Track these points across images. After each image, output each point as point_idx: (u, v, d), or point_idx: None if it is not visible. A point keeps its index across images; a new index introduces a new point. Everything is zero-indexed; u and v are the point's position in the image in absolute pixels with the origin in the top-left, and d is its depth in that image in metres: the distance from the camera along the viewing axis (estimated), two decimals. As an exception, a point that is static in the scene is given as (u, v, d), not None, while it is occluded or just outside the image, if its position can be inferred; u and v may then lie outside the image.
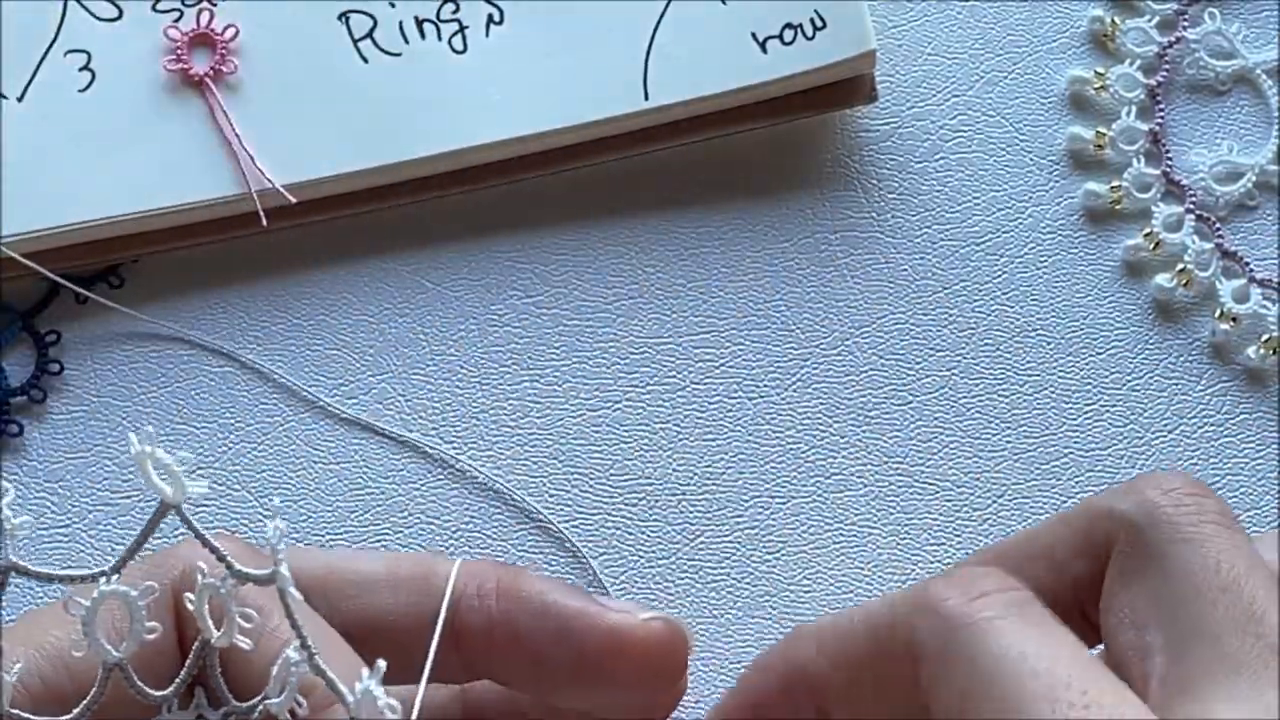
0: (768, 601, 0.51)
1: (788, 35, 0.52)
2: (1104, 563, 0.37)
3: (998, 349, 0.53)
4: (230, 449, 0.52)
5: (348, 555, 0.43)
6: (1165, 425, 0.52)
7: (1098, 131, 0.54)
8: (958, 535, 0.51)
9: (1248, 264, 0.53)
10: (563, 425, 0.52)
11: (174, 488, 0.34)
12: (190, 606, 0.36)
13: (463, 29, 0.53)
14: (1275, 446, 0.52)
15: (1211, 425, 0.52)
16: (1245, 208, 0.54)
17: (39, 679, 0.36)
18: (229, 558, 0.35)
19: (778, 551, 0.51)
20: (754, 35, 0.52)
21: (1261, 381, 0.53)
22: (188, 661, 0.36)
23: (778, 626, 0.51)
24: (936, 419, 0.52)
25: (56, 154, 0.52)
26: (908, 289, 0.53)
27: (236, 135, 0.52)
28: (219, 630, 0.36)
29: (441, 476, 0.51)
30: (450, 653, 0.41)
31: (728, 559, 0.51)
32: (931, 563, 0.51)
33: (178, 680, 0.36)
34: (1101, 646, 0.38)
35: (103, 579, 0.35)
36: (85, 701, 0.35)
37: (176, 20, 0.53)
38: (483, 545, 0.51)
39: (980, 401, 0.52)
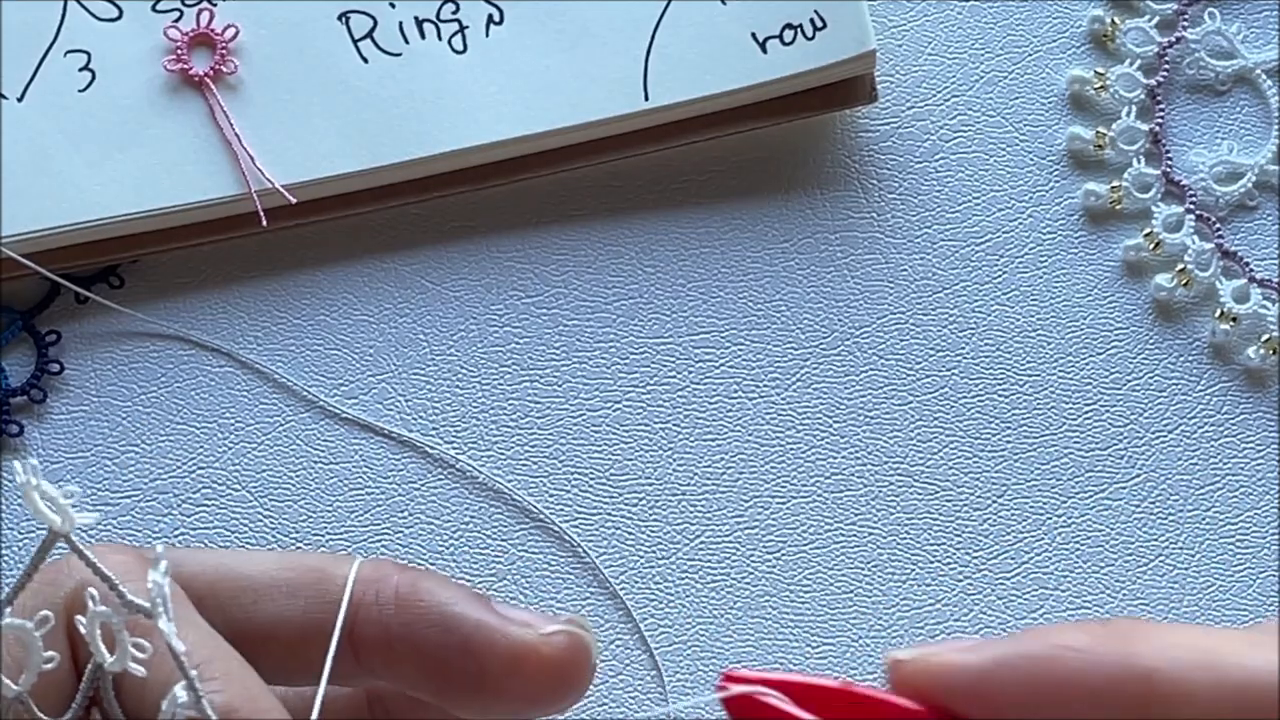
0: (768, 601, 0.51)
1: (788, 35, 0.52)
2: None
3: (998, 349, 0.53)
4: (230, 449, 0.52)
5: (239, 557, 0.42)
6: (1165, 425, 0.52)
7: (1098, 131, 0.54)
8: (958, 535, 0.51)
9: (1248, 264, 0.53)
10: (563, 425, 0.52)
11: (63, 518, 0.34)
12: (83, 630, 0.35)
13: (463, 29, 0.53)
14: (1275, 446, 0.52)
15: (1211, 425, 0.52)
16: (1245, 208, 0.54)
17: None
18: (120, 586, 0.35)
19: (778, 551, 0.51)
20: (754, 35, 0.52)
21: (1261, 381, 0.53)
22: (81, 685, 0.36)
23: (777, 627, 0.51)
24: (936, 419, 0.52)
25: (56, 154, 0.52)
26: (908, 289, 0.53)
27: (236, 135, 0.52)
28: (112, 655, 0.35)
29: (441, 476, 0.51)
30: (349, 658, 0.40)
31: (728, 559, 0.51)
32: (931, 563, 0.51)
33: (74, 706, 0.36)
34: None
35: None
36: None
37: (176, 20, 0.53)
38: (483, 545, 0.51)
39: (980, 401, 0.52)
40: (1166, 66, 0.55)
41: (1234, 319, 0.53)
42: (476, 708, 0.41)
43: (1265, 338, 0.53)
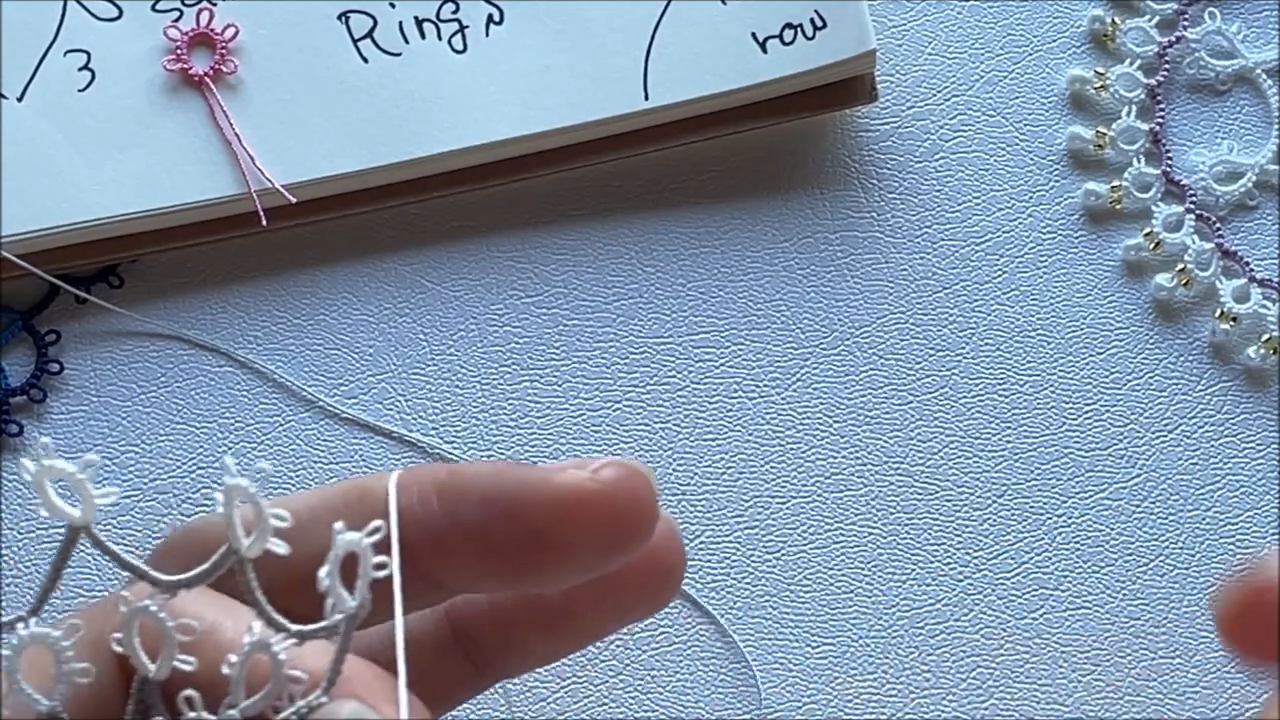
0: (768, 601, 0.51)
1: (788, 35, 0.52)
2: None
3: (998, 349, 0.53)
4: (230, 449, 0.52)
5: (276, 500, 0.40)
6: (1165, 425, 0.52)
7: (1098, 131, 0.54)
8: (958, 535, 0.51)
9: (1248, 264, 0.53)
10: (563, 425, 0.52)
11: (83, 507, 0.31)
12: (119, 648, 0.33)
13: (463, 29, 0.53)
14: (1275, 446, 0.52)
15: (1211, 425, 0.52)
16: (1245, 208, 0.54)
17: None
18: (151, 572, 0.32)
19: (778, 552, 0.51)
20: (754, 35, 0.52)
21: (1261, 381, 0.53)
22: (129, 707, 0.33)
23: (777, 627, 0.51)
24: (936, 419, 0.52)
25: (56, 154, 0.52)
26: (908, 289, 0.53)
27: (236, 135, 0.52)
28: (154, 663, 0.33)
29: (441, 476, 0.51)
30: (408, 572, 0.37)
31: (727, 559, 0.51)
32: (931, 562, 0.51)
33: None
34: None
35: (20, 624, 0.32)
36: None
37: (176, 20, 0.53)
38: (483, 545, 0.51)
39: (980, 401, 0.52)
40: (1166, 66, 0.55)
41: (1234, 319, 0.53)
42: (547, 573, 0.37)
43: (1265, 338, 0.53)
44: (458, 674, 0.40)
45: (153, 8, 0.53)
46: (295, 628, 0.32)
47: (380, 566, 0.30)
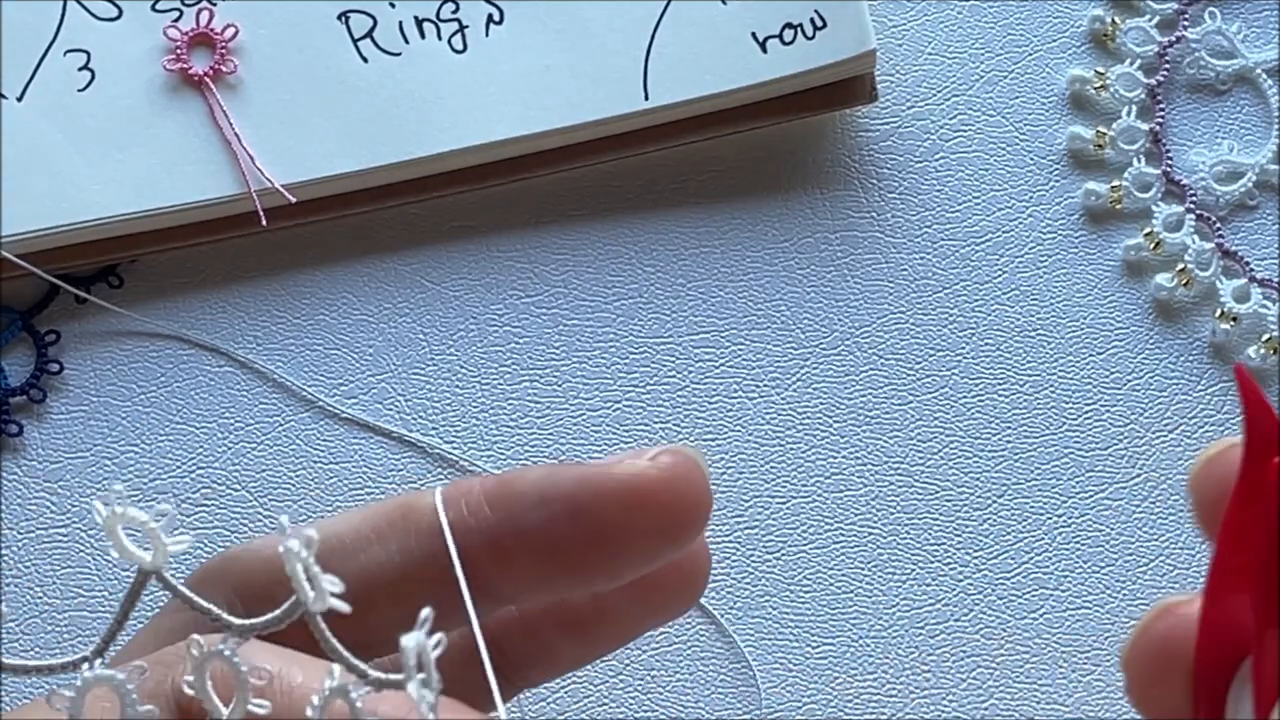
0: (768, 601, 0.51)
1: (788, 35, 0.52)
2: None
3: (998, 349, 0.53)
4: (230, 449, 0.52)
5: (321, 525, 0.36)
6: (1165, 425, 0.52)
7: (1098, 131, 0.54)
8: (958, 535, 0.51)
9: (1248, 264, 0.53)
10: (563, 425, 0.52)
11: (154, 551, 0.31)
12: (190, 690, 0.32)
13: (463, 29, 0.53)
14: (1275, 446, 0.52)
15: (1211, 425, 0.52)
16: (1245, 207, 0.54)
17: None
18: (224, 614, 0.32)
19: (778, 552, 0.51)
20: (754, 35, 0.52)
21: (1262, 381, 0.53)
22: None
23: (777, 627, 0.51)
24: (936, 419, 0.52)
25: (56, 154, 0.52)
26: (908, 289, 0.53)
27: (236, 135, 0.52)
28: (228, 706, 0.32)
29: (441, 476, 0.51)
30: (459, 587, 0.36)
31: (728, 559, 0.51)
32: (931, 563, 0.51)
33: None
34: None
35: (85, 665, 0.31)
36: None
37: (176, 20, 0.53)
38: (483, 545, 0.51)
39: (980, 401, 0.52)
40: (1167, 66, 0.55)
41: (1234, 319, 0.53)
42: (609, 568, 0.37)
43: (1265, 338, 0.53)
44: (483, 684, 0.38)
45: (153, 8, 0.53)
46: (374, 675, 0.31)
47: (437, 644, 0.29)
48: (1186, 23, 0.55)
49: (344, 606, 0.30)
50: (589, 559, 0.36)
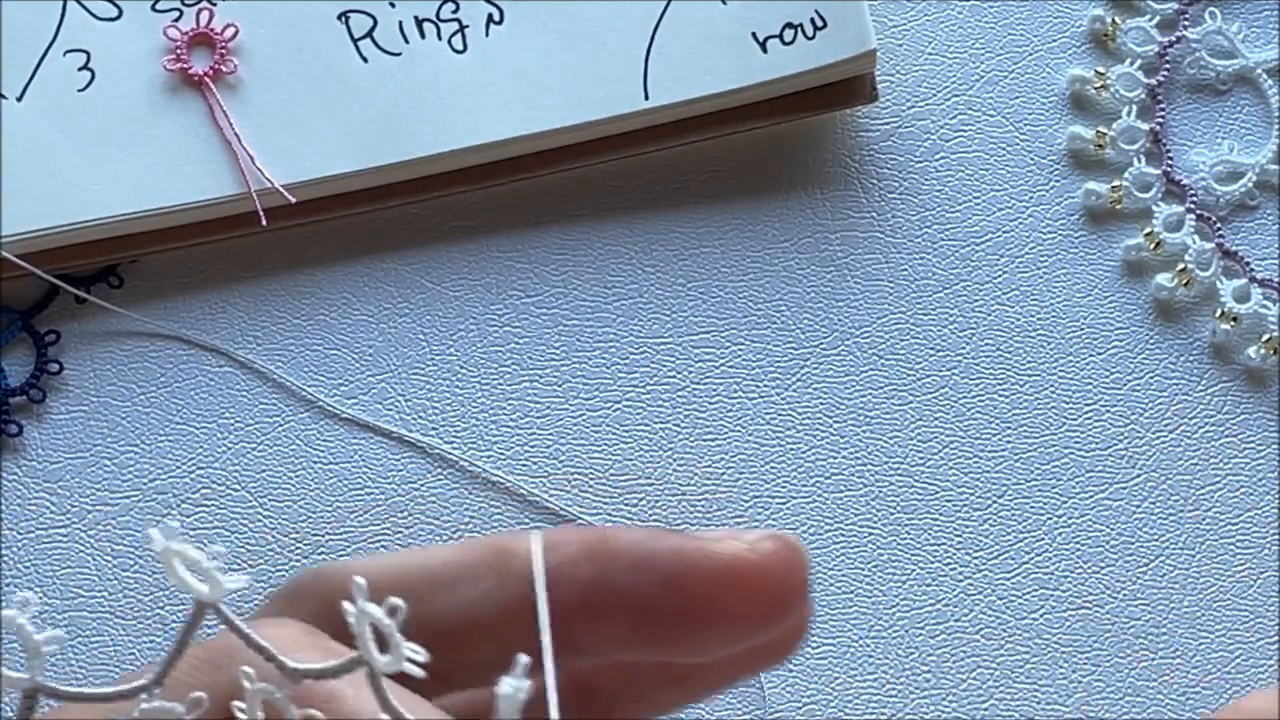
0: (768, 601, 0.51)
1: (788, 35, 0.52)
2: None
3: (998, 349, 0.53)
4: (230, 449, 0.52)
5: (414, 555, 0.37)
6: (1165, 425, 0.52)
7: (1098, 131, 0.54)
8: (958, 535, 0.51)
9: (1248, 264, 0.53)
10: (563, 425, 0.52)
11: (211, 586, 0.31)
12: (241, 716, 0.32)
13: (463, 29, 0.53)
14: (1275, 446, 0.52)
15: (1211, 425, 0.52)
16: (1245, 208, 0.54)
17: None
18: (279, 656, 0.31)
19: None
20: (754, 35, 0.52)
21: (1261, 381, 0.53)
22: None
23: (778, 627, 0.51)
24: (936, 419, 0.52)
25: (56, 154, 0.52)
26: (908, 289, 0.53)
27: (236, 135, 0.52)
28: None
29: (441, 476, 0.51)
30: (555, 635, 0.35)
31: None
32: (931, 563, 0.51)
33: None
34: None
35: (143, 695, 0.31)
36: None
37: (176, 20, 0.53)
38: (483, 545, 0.51)
39: (980, 401, 0.52)
40: (1167, 66, 0.55)
41: (1234, 319, 0.53)
42: (696, 642, 0.37)
43: (1265, 338, 0.53)
44: None
45: (153, 8, 0.53)
46: None
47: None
48: (1186, 23, 0.55)
49: (419, 672, 0.30)
50: (677, 631, 0.36)
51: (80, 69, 0.52)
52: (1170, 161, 0.54)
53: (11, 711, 0.32)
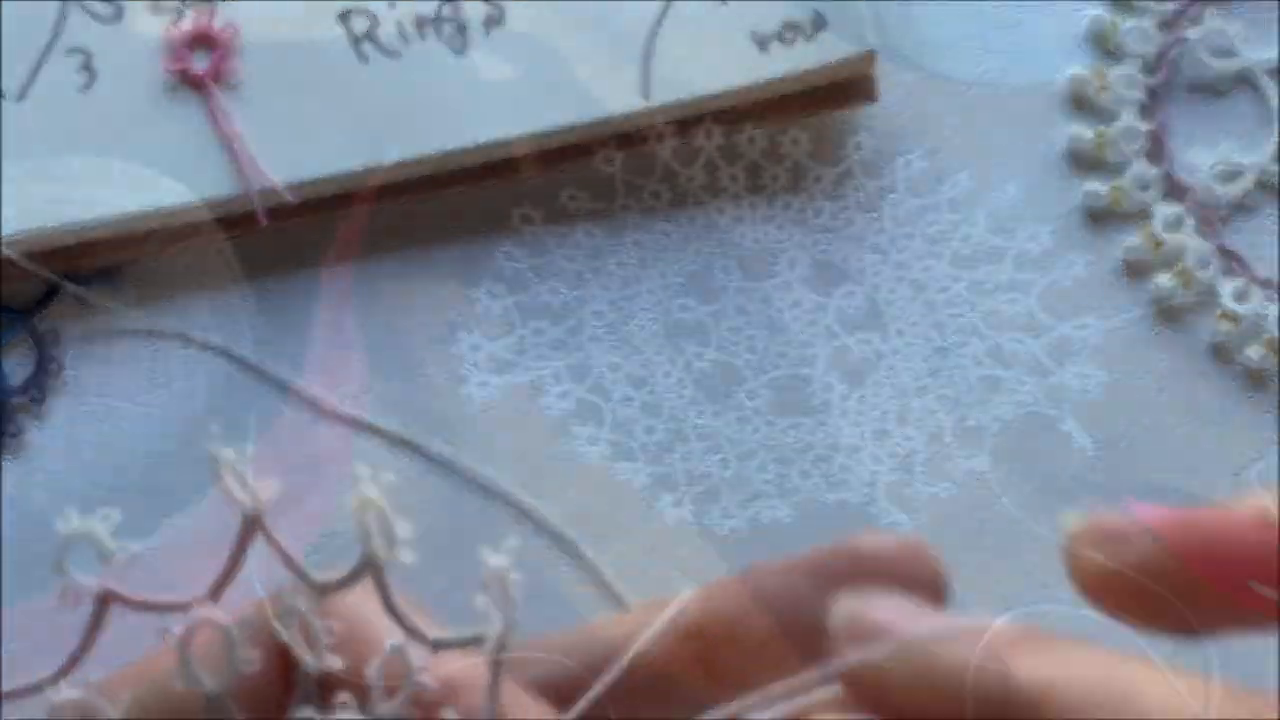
0: (768, 601, 0.51)
1: (788, 35, 0.52)
2: None
3: (998, 349, 0.53)
4: (229, 449, 0.52)
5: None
6: (1165, 425, 0.52)
7: (1098, 131, 0.54)
8: (958, 534, 0.51)
9: (1248, 264, 0.53)
10: (563, 424, 0.52)
11: (254, 500, 0.34)
12: (283, 635, 0.34)
13: (463, 29, 0.53)
14: (1275, 446, 0.52)
15: (1211, 425, 0.52)
16: (1245, 208, 0.54)
17: (140, 708, 0.35)
18: (306, 571, 0.34)
19: (779, 552, 0.51)
20: (754, 35, 0.52)
21: (1261, 381, 0.53)
22: (295, 695, 0.35)
23: (778, 626, 0.51)
24: (936, 419, 0.52)
25: (56, 154, 0.52)
26: (908, 289, 0.53)
27: (237, 135, 0.52)
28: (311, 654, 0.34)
29: (442, 477, 0.51)
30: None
31: (728, 559, 0.51)
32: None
33: (291, 710, 0.34)
34: None
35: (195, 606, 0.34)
36: None
37: (176, 20, 0.53)
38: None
39: (981, 401, 0.52)
40: (1167, 66, 0.55)
41: (1234, 319, 0.53)
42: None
43: (1265, 337, 0.53)
44: None
45: (153, 8, 0.53)
46: (433, 635, 0.34)
47: None
48: (1186, 23, 0.55)
49: (410, 557, 0.33)
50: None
51: (81, 69, 0.52)
52: (1170, 161, 0.54)
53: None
